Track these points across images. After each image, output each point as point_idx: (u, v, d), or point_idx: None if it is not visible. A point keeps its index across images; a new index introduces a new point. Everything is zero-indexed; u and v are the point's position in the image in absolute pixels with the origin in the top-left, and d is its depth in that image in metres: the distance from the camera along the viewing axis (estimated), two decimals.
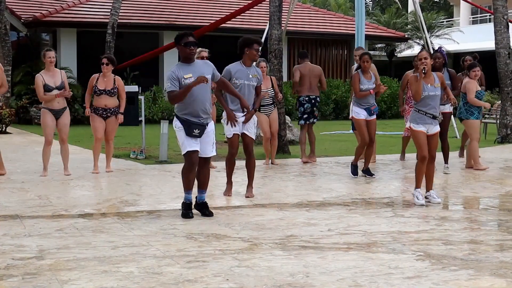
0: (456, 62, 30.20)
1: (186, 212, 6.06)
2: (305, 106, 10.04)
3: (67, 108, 8.71)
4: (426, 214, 6.32)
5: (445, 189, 7.96)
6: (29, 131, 15.81)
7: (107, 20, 17.34)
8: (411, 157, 10.01)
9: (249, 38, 7.14)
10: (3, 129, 15.23)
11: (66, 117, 8.63)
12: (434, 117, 6.82)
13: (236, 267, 4.40)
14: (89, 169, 9.02)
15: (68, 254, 4.70)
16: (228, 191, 7.25)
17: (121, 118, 8.86)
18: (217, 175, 8.89)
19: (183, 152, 6.08)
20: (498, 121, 14.25)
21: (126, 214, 6.25)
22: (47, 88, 8.42)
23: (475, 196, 7.56)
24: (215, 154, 6.24)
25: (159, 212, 6.42)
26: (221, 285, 4.02)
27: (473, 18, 34.53)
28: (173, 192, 7.27)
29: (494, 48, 13.91)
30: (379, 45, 29.92)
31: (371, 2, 44.77)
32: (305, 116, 10.07)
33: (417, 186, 6.84)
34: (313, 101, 10.07)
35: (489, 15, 28.40)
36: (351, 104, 8.82)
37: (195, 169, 6.09)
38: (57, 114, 8.54)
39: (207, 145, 6.11)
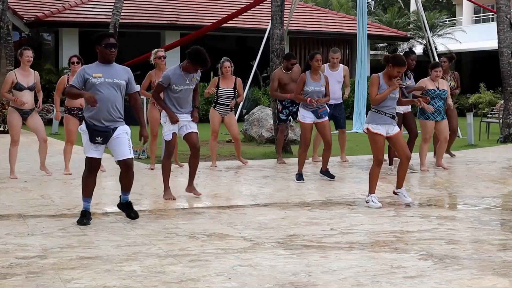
0: (458, 62, 30.20)
1: (81, 219, 5.70)
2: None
3: (35, 109, 8.60)
4: (428, 214, 6.32)
5: (448, 189, 7.95)
6: (31, 131, 15.80)
7: (109, 20, 17.33)
8: (415, 156, 9.97)
9: (203, 60, 6.69)
10: (5, 129, 15.23)
11: (36, 119, 8.52)
12: (393, 117, 6.73)
13: (239, 266, 4.41)
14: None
15: (71, 253, 4.71)
16: (168, 194, 6.97)
17: None
18: (219, 175, 8.90)
19: (85, 156, 5.84)
20: (500, 121, 14.23)
21: None
22: (18, 87, 8.32)
23: (478, 196, 7.55)
24: (132, 156, 5.86)
25: (162, 211, 6.43)
26: (224, 284, 4.02)
27: (475, 17, 34.48)
28: (175, 192, 7.27)
29: (497, 48, 13.90)
30: (381, 45, 29.88)
31: (373, 2, 44.73)
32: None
33: (371, 191, 6.67)
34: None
35: (492, 14, 28.34)
36: (300, 106, 8.56)
37: (94, 176, 5.81)
38: (24, 114, 8.45)
39: (121, 147, 5.76)
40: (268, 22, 13.90)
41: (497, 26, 13.79)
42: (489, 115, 16.36)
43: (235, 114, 9.88)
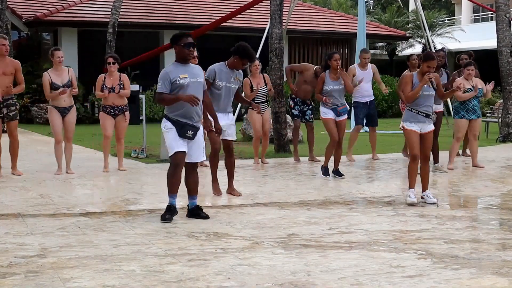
0: (457, 61, 30.18)
1: (165, 214, 5.85)
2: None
3: (74, 106, 8.73)
4: (427, 213, 6.32)
5: (447, 188, 7.96)
6: (31, 130, 15.82)
7: (108, 19, 17.34)
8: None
9: (251, 54, 6.98)
10: (5, 128, 15.22)
11: (72, 115, 8.65)
12: (427, 116, 6.77)
13: (238, 266, 4.41)
14: (90, 168, 9.03)
15: (70, 253, 4.71)
16: (216, 190, 7.23)
17: (128, 115, 8.90)
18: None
19: (170, 154, 5.93)
20: (500, 120, 14.24)
21: (127, 212, 6.26)
22: (54, 87, 8.46)
23: (477, 195, 7.55)
24: (205, 158, 6.10)
25: (161, 210, 6.41)
26: (223, 284, 4.02)
27: (475, 16, 34.49)
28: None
29: (496, 47, 13.90)
30: (380, 44, 29.89)
31: (372, 1, 44.72)
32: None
33: (411, 186, 6.79)
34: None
35: (491, 13, 28.34)
36: (320, 104, 8.73)
37: (181, 172, 5.96)
38: (63, 112, 8.56)
39: (197, 149, 5.97)
40: (267, 21, 13.89)
41: (496, 25, 13.79)
42: (488, 115, 16.36)
43: (233, 114, 9.92)
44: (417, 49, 28.39)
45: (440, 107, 9.10)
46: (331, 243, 5.08)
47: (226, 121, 7.08)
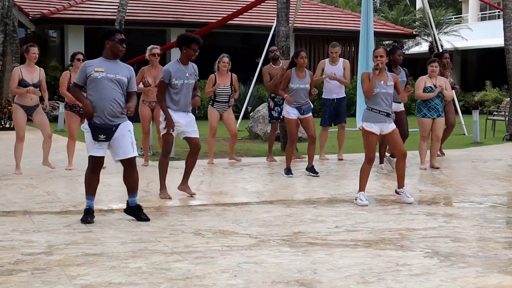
0: (464, 59, 30.10)
1: (85, 217, 5.65)
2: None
3: (40, 105, 8.61)
4: (434, 211, 6.31)
5: (453, 186, 7.94)
6: (36, 127, 15.83)
7: (114, 17, 17.36)
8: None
9: (187, 37, 6.80)
10: (11, 125, 15.29)
11: (40, 115, 8.53)
12: (387, 115, 6.71)
13: (244, 263, 4.41)
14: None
15: (77, 250, 4.72)
16: (164, 193, 6.88)
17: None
18: (224, 172, 8.91)
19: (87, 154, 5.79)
20: (506, 119, 14.19)
21: None
22: (23, 84, 8.34)
23: (483, 193, 7.53)
24: (136, 154, 5.79)
25: (167, 208, 6.44)
26: (229, 281, 4.03)
27: (481, 14, 34.35)
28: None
29: (503, 45, 13.85)
30: (387, 42, 29.80)
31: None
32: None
33: (361, 189, 6.67)
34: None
35: (498, 12, 28.23)
36: (284, 103, 8.71)
37: (98, 174, 5.77)
38: (28, 110, 8.47)
39: (125, 146, 5.68)
40: (274, 19, 13.88)
41: (503, 23, 13.74)
42: (495, 113, 16.30)
43: (236, 112, 9.91)
44: (424, 47, 28.32)
45: (401, 106, 8.82)
46: (337, 241, 5.08)
47: (186, 119, 6.84)
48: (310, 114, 8.61)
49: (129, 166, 5.81)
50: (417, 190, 7.46)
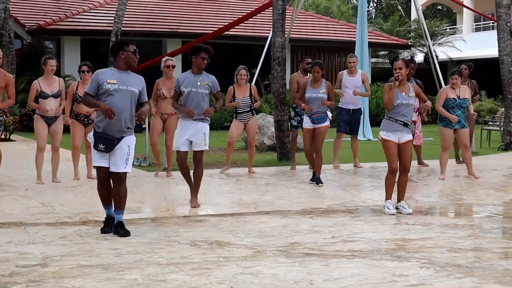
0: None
1: (103, 228, 5.74)
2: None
3: (61, 116, 8.68)
4: (430, 222, 6.31)
5: (449, 196, 7.94)
6: (33, 138, 15.73)
7: (110, 28, 17.37)
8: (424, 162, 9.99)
9: (196, 47, 7.11)
10: (7, 137, 15.26)
11: (58, 125, 8.59)
12: (405, 125, 6.74)
13: (240, 274, 4.40)
14: (94, 175, 8.99)
15: (72, 262, 4.70)
16: (193, 202, 6.97)
17: None
18: (220, 182, 8.90)
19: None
20: (501, 128, 14.23)
21: (129, 221, 6.23)
22: (42, 95, 8.44)
23: (479, 203, 7.54)
24: (128, 171, 5.69)
25: (163, 219, 6.42)
26: None
27: (476, 25, 34.52)
28: (177, 199, 7.27)
29: (497, 56, 13.92)
30: (382, 53, 29.92)
31: (373, 10, 44.82)
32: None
33: (388, 197, 6.75)
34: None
35: (492, 23, 28.38)
36: (304, 113, 8.92)
37: (105, 185, 5.73)
38: (49, 121, 8.53)
39: (117, 160, 5.61)
40: (270, 30, 13.92)
41: (497, 34, 13.81)
42: (490, 123, 16.35)
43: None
44: (419, 58, 28.42)
45: (414, 117, 8.88)
46: (334, 251, 5.07)
47: (194, 129, 6.94)
48: (323, 124, 8.66)
49: (116, 181, 5.71)
50: (413, 201, 7.46)
